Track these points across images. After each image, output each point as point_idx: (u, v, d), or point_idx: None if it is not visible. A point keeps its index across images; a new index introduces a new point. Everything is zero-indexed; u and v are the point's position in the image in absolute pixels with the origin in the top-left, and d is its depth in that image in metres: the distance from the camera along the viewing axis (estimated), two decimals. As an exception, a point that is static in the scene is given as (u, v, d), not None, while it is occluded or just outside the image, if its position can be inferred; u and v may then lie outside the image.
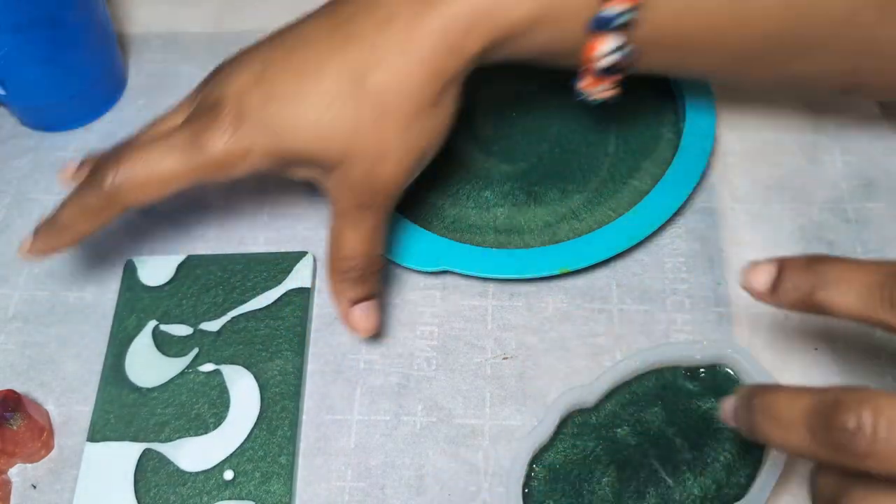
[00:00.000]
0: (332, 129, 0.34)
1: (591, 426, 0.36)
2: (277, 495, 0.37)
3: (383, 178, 0.35)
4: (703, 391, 0.36)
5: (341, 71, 0.34)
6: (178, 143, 0.35)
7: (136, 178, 0.36)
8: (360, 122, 0.34)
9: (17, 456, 0.39)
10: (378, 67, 0.33)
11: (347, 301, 0.38)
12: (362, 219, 0.36)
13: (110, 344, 0.42)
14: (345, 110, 0.34)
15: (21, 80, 0.47)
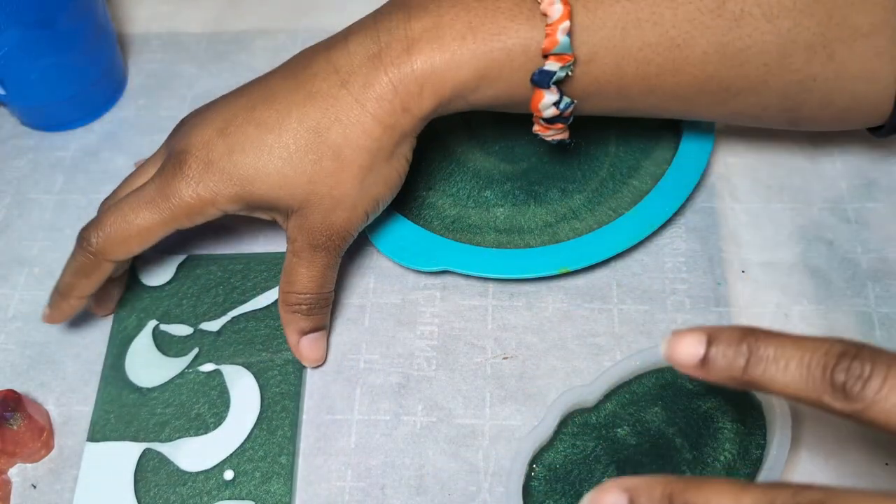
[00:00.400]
0: (292, 178, 0.37)
1: (591, 426, 0.36)
2: (277, 495, 0.37)
3: (338, 224, 0.38)
4: (703, 391, 0.36)
5: (301, 125, 0.37)
6: (149, 197, 0.38)
7: (116, 236, 0.38)
8: (319, 173, 0.37)
9: (17, 456, 0.39)
10: (337, 123, 0.36)
11: (297, 331, 0.40)
12: (315, 258, 0.38)
13: (110, 344, 0.42)
14: (304, 162, 0.37)
15: (21, 80, 0.48)
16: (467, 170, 0.46)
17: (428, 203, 0.45)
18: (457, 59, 0.35)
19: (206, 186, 0.37)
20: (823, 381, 0.25)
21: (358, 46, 0.37)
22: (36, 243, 0.47)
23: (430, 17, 0.36)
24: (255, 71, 0.53)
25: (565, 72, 0.35)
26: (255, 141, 0.37)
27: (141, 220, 0.38)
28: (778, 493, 0.24)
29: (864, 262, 0.42)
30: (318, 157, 0.37)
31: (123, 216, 0.38)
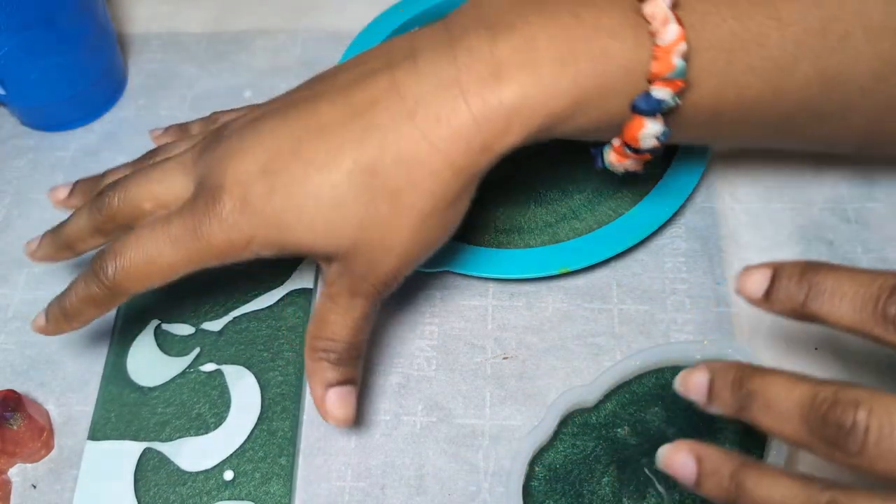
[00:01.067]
0: (340, 225, 0.32)
1: (592, 426, 0.36)
2: (277, 496, 0.37)
3: (385, 272, 0.34)
4: None
5: (356, 165, 0.32)
6: (175, 234, 0.34)
7: (136, 270, 0.34)
8: (371, 218, 0.32)
9: (17, 456, 0.39)
10: (399, 164, 0.31)
11: (322, 383, 0.35)
12: (353, 306, 0.34)
13: (112, 342, 0.42)
14: (355, 206, 0.32)
15: (21, 80, 0.48)
16: (467, 170, 0.46)
17: (428, 203, 0.45)
18: (554, 88, 0.31)
19: (240, 230, 0.33)
20: (875, 313, 0.26)
21: (430, 67, 0.32)
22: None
23: (520, 37, 0.31)
24: (255, 71, 0.53)
25: (675, 100, 0.32)
26: (301, 182, 0.32)
27: (166, 256, 0.34)
28: (822, 388, 0.25)
29: (864, 262, 0.42)
30: (372, 200, 0.32)
31: (145, 251, 0.34)
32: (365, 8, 0.53)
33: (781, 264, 0.29)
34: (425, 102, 0.31)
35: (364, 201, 0.32)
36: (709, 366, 0.29)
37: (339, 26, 0.55)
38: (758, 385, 0.27)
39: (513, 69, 0.31)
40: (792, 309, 0.28)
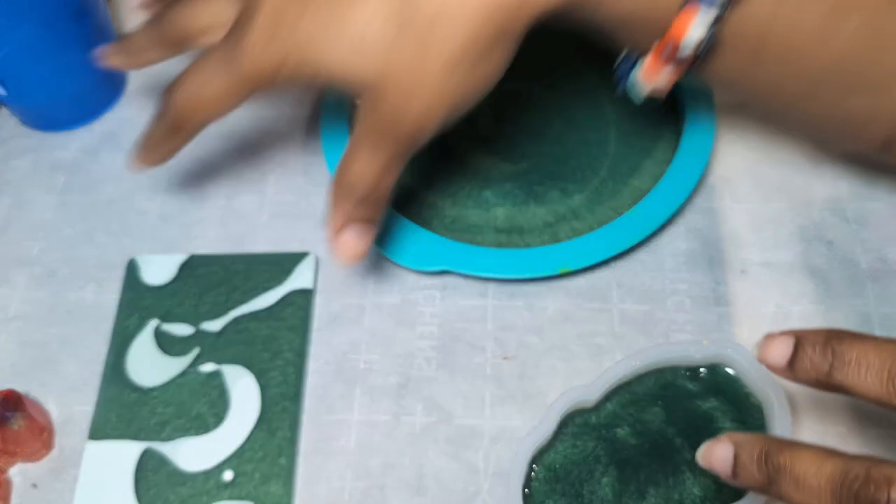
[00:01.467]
0: (367, 51, 0.32)
1: (592, 426, 0.36)
2: (277, 496, 0.37)
3: (411, 115, 0.33)
4: (704, 391, 0.36)
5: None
6: (219, 58, 0.35)
7: (193, 101, 0.36)
8: (400, 50, 0.31)
9: (17, 455, 0.39)
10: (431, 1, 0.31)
11: (343, 215, 0.36)
12: (378, 147, 0.34)
13: (112, 342, 0.42)
14: (385, 34, 0.31)
15: (21, 80, 0.48)
16: (467, 170, 0.46)
17: (428, 203, 0.45)
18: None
19: (273, 48, 0.33)
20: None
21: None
22: (36, 243, 0.47)
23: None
24: (256, 71, 0.53)
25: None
26: (333, 5, 0.32)
27: (213, 83, 0.35)
28: (853, 464, 0.25)
29: (864, 262, 0.42)
30: (400, 33, 0.31)
31: (198, 79, 0.35)
32: (365, 8, 0.53)
33: (804, 333, 0.28)
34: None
35: (393, 32, 0.31)
36: (732, 438, 0.29)
37: (339, 26, 0.55)
38: (786, 460, 0.27)
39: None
40: (816, 379, 0.28)
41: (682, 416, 0.36)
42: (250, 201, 0.47)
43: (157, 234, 0.46)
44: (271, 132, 0.50)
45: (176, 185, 0.48)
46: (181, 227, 0.46)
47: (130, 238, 0.46)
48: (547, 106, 0.48)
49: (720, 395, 0.36)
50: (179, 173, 0.49)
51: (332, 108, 0.48)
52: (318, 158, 0.48)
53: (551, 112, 0.48)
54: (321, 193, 0.47)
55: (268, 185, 0.48)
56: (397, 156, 0.34)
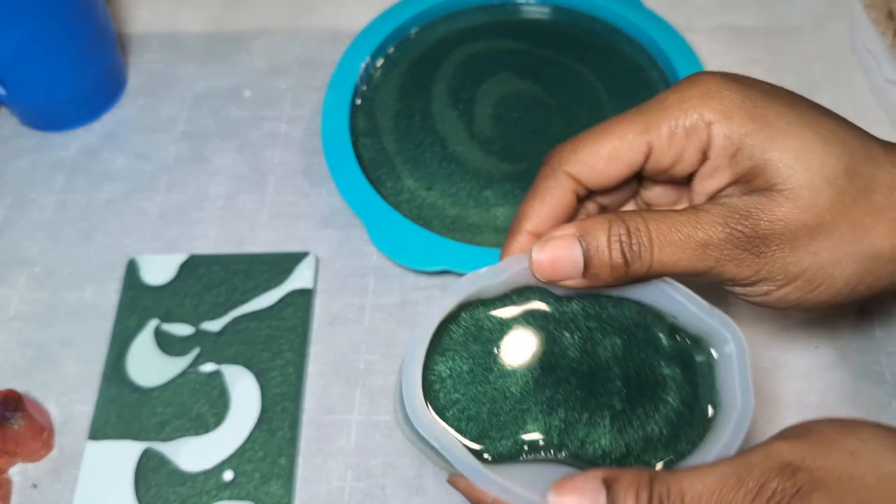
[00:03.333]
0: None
1: (546, 314, 0.31)
2: (277, 496, 0.37)
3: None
4: (673, 355, 0.31)
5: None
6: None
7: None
8: (833, 199, 0.29)
9: (17, 455, 0.39)
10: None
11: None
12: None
13: (112, 342, 0.42)
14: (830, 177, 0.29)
15: (21, 80, 0.48)
16: (467, 170, 0.46)
17: (428, 203, 0.45)
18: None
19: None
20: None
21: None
22: (36, 243, 0.47)
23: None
24: (255, 71, 0.53)
25: None
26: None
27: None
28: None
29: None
30: (842, 191, 0.29)
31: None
32: (365, 8, 0.53)
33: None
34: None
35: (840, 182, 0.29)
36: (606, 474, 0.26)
37: (339, 26, 0.55)
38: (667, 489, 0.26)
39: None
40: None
41: (635, 364, 0.31)
42: (250, 201, 0.47)
43: (157, 234, 0.46)
44: (271, 132, 0.50)
45: (176, 185, 0.48)
46: (181, 227, 0.46)
47: (130, 238, 0.46)
48: (547, 106, 0.48)
49: (687, 370, 0.31)
50: (179, 173, 0.49)
51: (333, 108, 0.48)
52: (319, 158, 0.48)
53: (551, 112, 0.48)
54: (321, 193, 0.47)
55: (268, 185, 0.48)
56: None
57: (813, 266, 0.29)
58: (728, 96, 0.30)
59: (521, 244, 0.32)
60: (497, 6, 0.54)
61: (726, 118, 0.29)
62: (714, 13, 0.54)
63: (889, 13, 0.50)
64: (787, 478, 0.25)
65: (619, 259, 0.29)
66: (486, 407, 0.30)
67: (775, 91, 0.31)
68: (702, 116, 0.30)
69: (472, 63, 0.51)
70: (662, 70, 0.50)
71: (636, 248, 0.29)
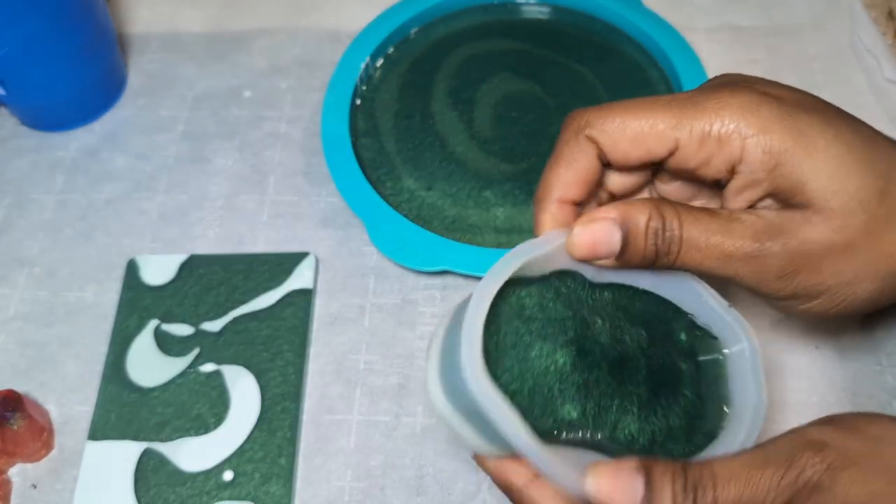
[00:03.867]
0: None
1: (579, 297, 0.31)
2: (277, 497, 0.37)
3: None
4: (687, 351, 0.32)
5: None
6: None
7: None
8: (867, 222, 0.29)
9: (17, 456, 0.39)
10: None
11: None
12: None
13: (112, 342, 0.42)
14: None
15: (21, 80, 0.48)
16: (467, 170, 0.46)
17: (428, 203, 0.45)
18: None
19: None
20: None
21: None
22: (36, 243, 0.47)
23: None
24: (255, 71, 0.53)
25: None
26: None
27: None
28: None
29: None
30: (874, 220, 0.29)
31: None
32: (365, 8, 0.53)
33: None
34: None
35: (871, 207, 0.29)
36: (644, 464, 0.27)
37: (339, 26, 0.55)
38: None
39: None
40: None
41: (658, 356, 0.31)
42: (250, 201, 0.47)
43: (156, 234, 0.46)
44: (271, 132, 0.50)
45: (176, 185, 0.48)
46: (181, 227, 0.46)
47: (130, 238, 0.46)
48: (547, 106, 0.48)
49: (699, 366, 0.32)
50: (179, 173, 0.49)
51: (333, 108, 0.48)
52: (319, 158, 0.48)
53: (551, 112, 0.48)
54: (321, 193, 0.47)
55: (268, 185, 0.48)
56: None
57: (836, 285, 0.30)
58: (765, 110, 0.29)
59: (554, 213, 0.32)
60: (497, 6, 0.54)
61: (764, 132, 0.29)
62: (714, 13, 0.54)
63: (889, 13, 0.50)
64: (816, 453, 0.25)
65: (652, 251, 0.29)
66: (528, 385, 0.29)
67: (810, 102, 0.30)
68: (738, 128, 0.29)
69: (472, 63, 0.51)
70: (662, 70, 0.50)
71: (667, 244, 0.29)
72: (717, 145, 0.29)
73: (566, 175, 0.32)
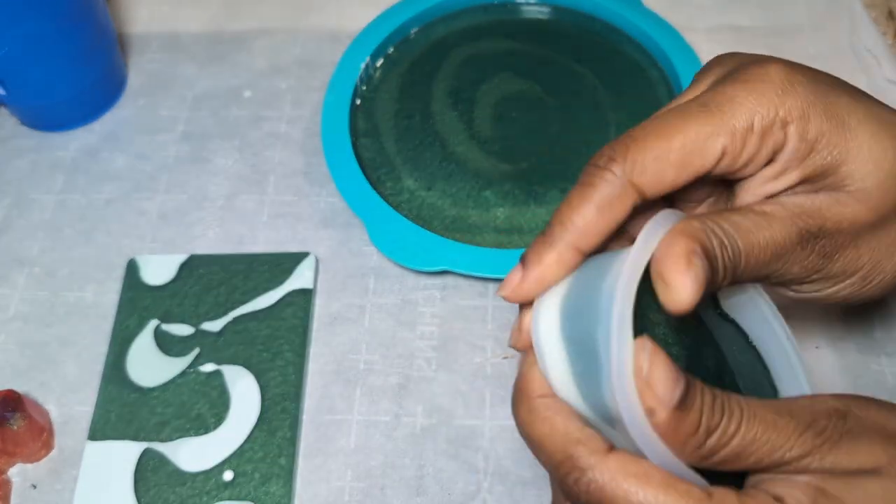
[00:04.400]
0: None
1: (706, 313, 0.30)
2: (277, 497, 0.37)
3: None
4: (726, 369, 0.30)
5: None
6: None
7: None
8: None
9: (17, 456, 0.39)
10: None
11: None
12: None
13: (112, 342, 0.42)
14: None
15: (21, 80, 0.48)
16: (467, 170, 0.46)
17: (428, 203, 0.45)
18: None
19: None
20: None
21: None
22: (36, 243, 0.47)
23: None
24: (255, 71, 0.53)
25: None
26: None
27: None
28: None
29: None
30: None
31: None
32: (365, 8, 0.53)
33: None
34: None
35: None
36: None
37: (339, 26, 0.55)
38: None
39: None
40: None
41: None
42: (250, 201, 0.47)
43: (157, 234, 0.46)
44: (271, 132, 0.50)
45: (176, 185, 0.48)
46: (181, 227, 0.46)
47: (130, 238, 0.46)
48: (547, 106, 0.48)
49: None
50: (179, 173, 0.49)
51: (333, 108, 0.48)
52: (319, 158, 0.48)
53: (551, 112, 0.48)
54: (321, 193, 0.47)
55: (268, 185, 0.48)
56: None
57: (870, 262, 0.29)
58: (801, 91, 0.27)
59: (566, 259, 0.27)
60: (497, 6, 0.54)
61: (803, 118, 0.27)
62: (714, 13, 0.54)
63: (889, 13, 0.50)
64: (838, 419, 0.24)
65: (724, 266, 0.26)
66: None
67: (836, 81, 0.29)
68: (778, 115, 0.27)
69: (472, 63, 0.51)
70: (662, 70, 0.50)
71: (733, 257, 0.26)
72: (760, 140, 0.27)
73: (597, 222, 0.27)
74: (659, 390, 0.23)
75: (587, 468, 0.25)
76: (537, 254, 0.27)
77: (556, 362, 0.27)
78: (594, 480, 0.25)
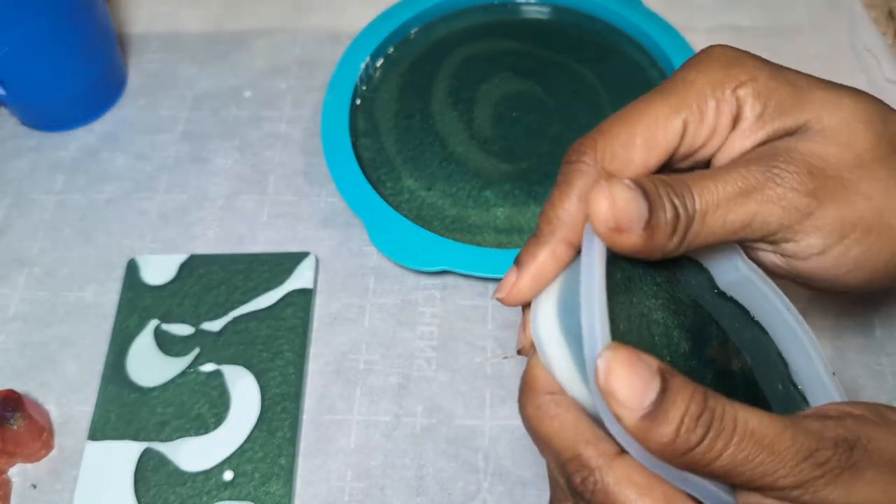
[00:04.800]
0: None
1: (703, 295, 0.30)
2: (277, 497, 0.37)
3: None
4: (781, 399, 0.30)
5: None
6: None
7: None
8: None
9: (17, 456, 0.39)
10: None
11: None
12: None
13: (112, 342, 0.42)
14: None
15: (21, 80, 0.48)
16: (467, 170, 0.46)
17: (428, 203, 0.45)
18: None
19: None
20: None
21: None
22: (36, 243, 0.47)
23: None
24: (255, 71, 0.53)
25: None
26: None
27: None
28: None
29: (864, 262, 0.42)
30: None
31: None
32: (365, 8, 0.53)
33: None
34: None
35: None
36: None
37: (339, 26, 0.55)
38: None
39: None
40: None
41: (753, 390, 0.30)
42: (250, 201, 0.47)
43: (157, 234, 0.46)
44: (271, 132, 0.50)
45: (176, 185, 0.48)
46: (181, 227, 0.46)
47: (130, 238, 0.46)
48: (547, 106, 0.48)
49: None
50: (179, 173, 0.49)
51: (333, 108, 0.48)
52: (319, 158, 0.48)
53: (551, 112, 0.48)
54: (321, 193, 0.47)
55: (268, 185, 0.48)
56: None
57: (868, 211, 0.28)
58: (747, 62, 0.29)
59: (558, 254, 0.28)
60: (497, 6, 0.54)
61: (752, 80, 0.28)
62: (714, 13, 0.54)
63: (889, 13, 0.50)
64: (844, 451, 0.24)
65: (672, 213, 0.26)
66: (639, 341, 0.27)
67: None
68: (728, 82, 0.28)
69: (472, 63, 0.51)
70: (662, 70, 0.50)
71: (686, 204, 0.26)
72: (716, 110, 0.28)
73: (580, 213, 0.28)
74: (620, 395, 0.23)
75: (595, 468, 0.25)
76: (530, 253, 0.29)
77: (557, 355, 0.27)
78: (600, 482, 0.25)
